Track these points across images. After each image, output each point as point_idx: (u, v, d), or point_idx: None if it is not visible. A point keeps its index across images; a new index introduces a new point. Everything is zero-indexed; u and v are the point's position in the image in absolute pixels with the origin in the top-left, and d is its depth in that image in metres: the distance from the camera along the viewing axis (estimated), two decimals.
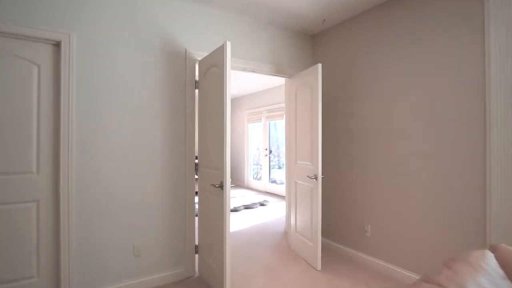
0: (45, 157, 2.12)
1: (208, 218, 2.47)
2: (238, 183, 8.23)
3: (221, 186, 2.17)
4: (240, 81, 6.15)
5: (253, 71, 3.06)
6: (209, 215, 2.44)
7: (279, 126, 7.05)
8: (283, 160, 6.99)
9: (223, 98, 2.16)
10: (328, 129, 3.30)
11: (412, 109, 2.47)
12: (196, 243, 2.70)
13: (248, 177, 7.88)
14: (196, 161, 2.71)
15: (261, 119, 7.31)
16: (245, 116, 7.93)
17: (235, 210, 5.14)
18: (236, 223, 4.38)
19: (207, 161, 2.49)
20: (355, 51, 2.98)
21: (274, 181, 7.12)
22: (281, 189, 6.59)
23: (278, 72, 3.22)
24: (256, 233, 3.92)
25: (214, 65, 2.34)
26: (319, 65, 2.72)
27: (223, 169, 2.16)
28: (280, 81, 6.06)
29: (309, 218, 2.88)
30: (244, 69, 3.00)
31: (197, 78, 2.71)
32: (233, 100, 8.52)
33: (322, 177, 3.12)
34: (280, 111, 6.59)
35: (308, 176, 2.82)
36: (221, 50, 2.22)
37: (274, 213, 5.00)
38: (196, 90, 2.71)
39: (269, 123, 7.15)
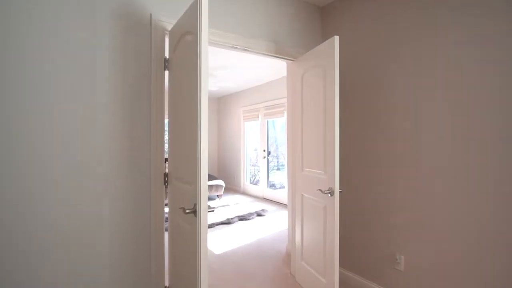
0: None
1: (180, 252, 1.72)
2: (233, 188, 7.48)
3: (195, 212, 1.43)
4: (234, 74, 5.40)
5: (245, 49, 2.32)
6: (182, 248, 1.70)
7: (278, 124, 6.31)
8: (282, 161, 6.26)
9: (197, 78, 1.42)
10: (341, 127, 2.57)
11: (470, 103, 1.74)
12: (167, 284, 1.96)
13: (244, 181, 7.12)
14: (167, 169, 1.97)
15: (258, 116, 6.57)
16: (241, 114, 7.17)
17: (227, 222, 4.40)
18: (229, 240, 3.63)
19: (178, 170, 1.75)
20: (383, 29, 2.25)
21: (273, 185, 6.37)
22: (281, 195, 5.85)
23: (278, 52, 2.48)
24: (251, 254, 3.18)
25: (188, 32, 1.60)
26: (336, 38, 1.98)
27: (197, 185, 1.42)
28: (278, 73, 5.34)
29: (320, 245, 2.15)
30: (234, 47, 2.26)
31: (167, 55, 1.97)
32: (228, 96, 7.77)
33: (340, 191, 2.33)
34: (279, 108, 5.86)
35: (320, 190, 2.09)
36: (195, 7, 1.48)
37: (274, 226, 4.26)
38: (166, 72, 1.97)
39: (267, 121, 6.40)
